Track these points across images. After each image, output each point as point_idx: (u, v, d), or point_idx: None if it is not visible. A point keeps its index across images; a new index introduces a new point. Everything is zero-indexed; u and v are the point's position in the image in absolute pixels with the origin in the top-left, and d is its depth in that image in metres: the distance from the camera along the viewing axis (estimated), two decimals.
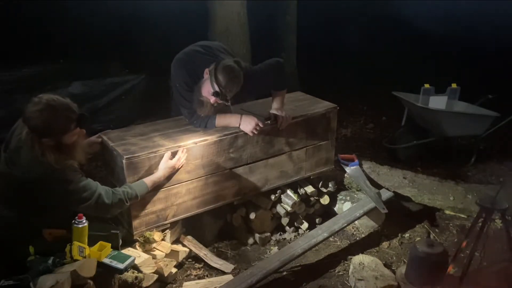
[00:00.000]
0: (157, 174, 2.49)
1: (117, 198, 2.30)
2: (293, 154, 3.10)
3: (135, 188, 2.39)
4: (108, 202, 2.26)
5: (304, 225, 3.30)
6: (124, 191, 2.34)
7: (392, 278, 2.64)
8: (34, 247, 2.19)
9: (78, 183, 2.18)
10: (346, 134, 5.17)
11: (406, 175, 3.52)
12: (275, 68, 2.94)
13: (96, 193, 2.23)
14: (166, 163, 2.51)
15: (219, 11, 4.74)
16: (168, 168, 2.51)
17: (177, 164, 2.54)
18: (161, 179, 2.51)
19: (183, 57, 2.83)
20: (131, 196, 2.36)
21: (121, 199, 2.31)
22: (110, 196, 2.28)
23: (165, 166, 2.50)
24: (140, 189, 2.41)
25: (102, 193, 2.25)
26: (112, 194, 2.29)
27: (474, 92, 4.53)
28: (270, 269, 2.60)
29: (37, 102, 2.07)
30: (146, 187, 2.43)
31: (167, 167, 2.51)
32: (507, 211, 2.50)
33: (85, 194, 2.20)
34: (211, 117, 2.79)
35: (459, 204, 3.34)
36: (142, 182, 2.43)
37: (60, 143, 2.13)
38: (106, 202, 2.25)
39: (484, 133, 4.23)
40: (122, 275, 2.26)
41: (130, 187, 2.37)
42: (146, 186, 2.43)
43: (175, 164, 2.53)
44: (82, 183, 2.20)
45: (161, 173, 2.50)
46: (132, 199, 2.37)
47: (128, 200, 2.34)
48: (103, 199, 2.25)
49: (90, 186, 2.23)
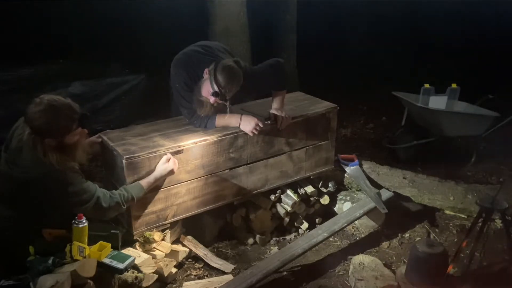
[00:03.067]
0: (153, 176, 2.48)
1: (114, 201, 2.30)
2: (293, 154, 3.10)
3: (131, 190, 2.38)
4: (105, 206, 2.27)
5: (304, 225, 3.30)
6: (121, 194, 2.34)
7: (392, 278, 2.64)
8: (34, 247, 2.19)
9: (78, 185, 2.19)
10: (346, 134, 5.17)
11: (406, 175, 3.51)
12: (275, 68, 2.94)
13: (95, 196, 2.23)
14: (163, 165, 2.50)
15: (219, 11, 4.74)
16: (164, 170, 2.50)
17: (174, 167, 2.54)
18: (157, 181, 2.50)
19: (182, 57, 2.83)
20: (127, 199, 2.36)
21: (118, 202, 2.31)
22: (107, 200, 2.28)
23: (162, 168, 2.50)
24: (136, 191, 2.40)
25: (100, 196, 2.26)
26: (109, 198, 2.29)
27: (474, 92, 4.53)
28: (270, 269, 2.60)
29: (38, 102, 2.07)
30: (142, 189, 2.43)
31: (164, 169, 2.50)
32: (507, 211, 2.50)
33: (85, 197, 2.21)
34: (211, 117, 2.79)
35: (459, 204, 3.33)
36: (138, 184, 2.43)
37: (62, 143, 2.13)
38: (104, 206, 2.26)
39: (484, 133, 4.23)
40: (122, 275, 2.26)
41: (126, 190, 2.37)
42: (142, 188, 2.43)
43: (172, 167, 2.52)
44: (82, 185, 2.20)
45: (158, 174, 2.49)
46: (128, 202, 2.37)
47: (124, 203, 2.34)
48: (101, 202, 2.25)
49: (90, 188, 2.23)
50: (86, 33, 5.73)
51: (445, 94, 4.37)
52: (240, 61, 2.76)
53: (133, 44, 6.04)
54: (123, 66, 5.27)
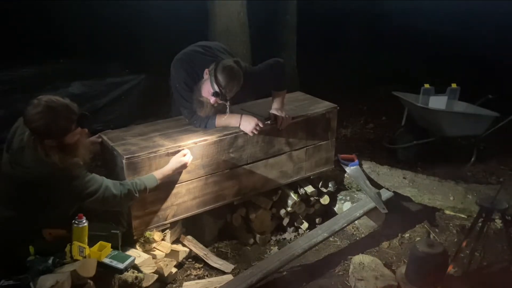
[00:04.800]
0: (168, 168, 2.49)
1: (126, 188, 2.30)
2: (293, 154, 3.10)
3: (144, 180, 2.39)
4: (117, 193, 2.26)
5: (304, 225, 3.30)
6: (133, 183, 2.34)
7: (392, 278, 2.64)
8: (34, 247, 2.19)
9: (83, 178, 2.18)
10: (346, 134, 5.17)
11: (406, 175, 3.51)
12: (275, 68, 2.94)
13: (102, 186, 2.23)
14: (179, 158, 2.51)
15: (219, 11, 4.74)
16: (179, 163, 2.51)
17: (188, 162, 2.55)
18: (170, 173, 2.50)
19: (183, 57, 2.83)
20: (140, 188, 2.35)
21: (130, 189, 2.31)
22: (118, 188, 2.27)
23: (177, 160, 2.51)
24: (150, 181, 2.41)
25: (110, 185, 2.25)
26: (120, 186, 2.29)
27: (474, 92, 4.53)
28: (270, 269, 2.60)
29: (36, 104, 2.06)
30: (156, 180, 2.43)
31: (179, 162, 2.51)
32: (507, 211, 2.51)
33: (92, 188, 2.20)
34: (211, 117, 2.79)
35: (459, 204, 3.34)
36: (152, 175, 2.43)
37: (62, 143, 2.13)
38: (114, 193, 2.25)
39: (484, 133, 4.23)
40: (122, 275, 2.26)
41: (139, 179, 2.38)
42: (155, 179, 2.43)
43: (186, 161, 2.54)
44: (87, 177, 2.20)
45: (172, 167, 2.50)
46: (141, 192, 2.36)
47: (137, 191, 2.34)
48: (111, 190, 2.24)
49: (96, 179, 2.23)
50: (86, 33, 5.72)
51: (445, 94, 4.37)
52: (240, 61, 2.76)
53: (133, 44, 6.04)
54: (123, 66, 5.27)
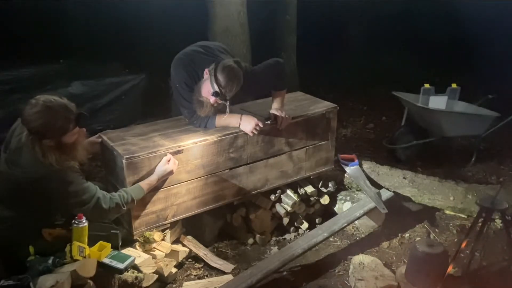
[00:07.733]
0: (153, 177, 2.48)
1: (114, 202, 2.30)
2: (293, 154, 3.10)
3: (131, 192, 2.38)
4: (105, 207, 2.27)
5: (304, 225, 3.30)
6: (121, 195, 2.34)
7: (392, 278, 2.64)
8: (34, 247, 2.19)
9: (78, 185, 2.19)
10: (346, 134, 5.17)
11: (406, 175, 3.51)
12: (275, 68, 2.94)
13: (95, 197, 2.23)
14: (163, 166, 2.50)
15: (219, 11, 4.74)
16: (164, 171, 2.50)
17: (174, 167, 2.54)
18: (157, 182, 2.50)
19: (183, 57, 2.83)
20: (127, 201, 2.35)
21: (118, 203, 2.31)
22: (107, 201, 2.28)
23: (162, 169, 2.49)
24: (136, 193, 2.40)
25: (101, 197, 2.25)
26: (109, 199, 2.29)
27: (474, 92, 4.53)
28: (270, 269, 2.60)
29: (34, 104, 2.06)
30: (142, 191, 2.43)
31: (164, 170, 2.50)
32: (507, 211, 2.50)
33: (84, 197, 2.20)
34: (211, 117, 2.79)
35: (459, 204, 3.33)
36: (138, 186, 2.43)
37: (60, 143, 2.13)
38: (104, 207, 2.26)
39: (484, 133, 4.23)
40: (122, 275, 2.26)
41: (125, 192, 2.37)
42: (142, 189, 2.42)
43: (172, 168, 2.52)
44: (83, 185, 2.20)
45: (157, 175, 2.48)
46: (128, 204, 2.36)
47: (124, 204, 2.34)
48: (101, 203, 2.25)
49: (90, 189, 2.23)
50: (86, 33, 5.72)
51: (445, 94, 4.37)
52: (240, 61, 2.76)
53: (133, 44, 6.04)
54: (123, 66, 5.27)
